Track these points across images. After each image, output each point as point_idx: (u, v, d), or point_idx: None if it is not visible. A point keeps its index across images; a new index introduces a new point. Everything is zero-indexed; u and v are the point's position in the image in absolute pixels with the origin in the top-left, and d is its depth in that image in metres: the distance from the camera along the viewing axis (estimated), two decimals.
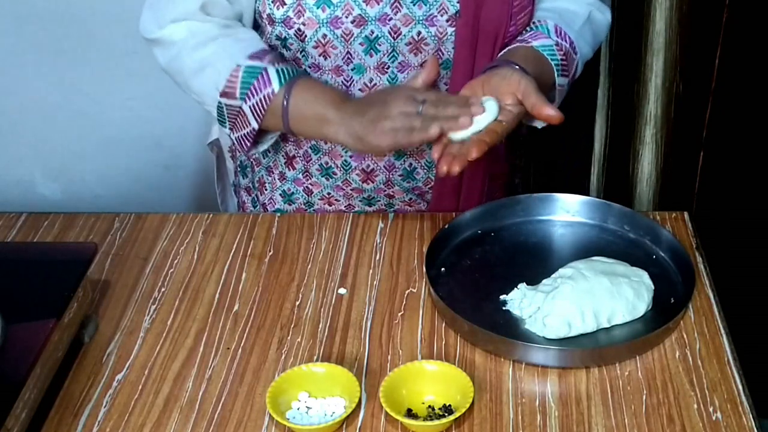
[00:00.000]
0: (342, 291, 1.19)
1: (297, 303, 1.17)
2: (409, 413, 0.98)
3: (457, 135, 1.09)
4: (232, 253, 1.26)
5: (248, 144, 1.22)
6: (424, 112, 1.07)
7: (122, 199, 1.95)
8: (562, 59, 1.23)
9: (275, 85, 1.16)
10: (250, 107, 1.17)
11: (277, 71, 1.16)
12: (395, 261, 1.24)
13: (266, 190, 1.36)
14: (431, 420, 0.97)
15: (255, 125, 1.18)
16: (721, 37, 1.73)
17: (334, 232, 1.30)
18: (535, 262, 1.20)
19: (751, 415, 0.98)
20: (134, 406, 1.03)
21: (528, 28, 1.24)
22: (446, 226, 1.22)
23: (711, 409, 0.99)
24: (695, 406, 1.00)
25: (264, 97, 1.16)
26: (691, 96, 1.78)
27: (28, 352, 0.97)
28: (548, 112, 1.09)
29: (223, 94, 1.18)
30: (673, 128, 1.82)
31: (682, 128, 1.82)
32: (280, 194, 1.35)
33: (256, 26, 1.24)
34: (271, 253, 1.26)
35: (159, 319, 1.15)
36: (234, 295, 1.19)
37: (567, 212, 1.28)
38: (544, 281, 1.13)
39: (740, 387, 1.02)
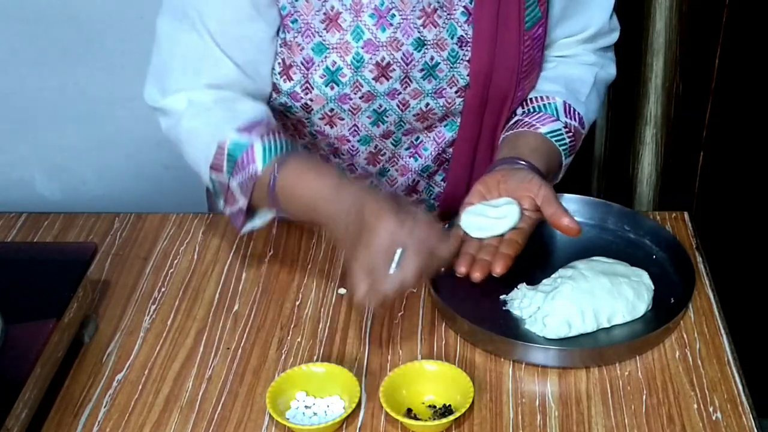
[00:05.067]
0: (342, 291, 1.19)
1: (297, 303, 1.17)
2: (409, 413, 0.98)
3: (476, 233, 1.07)
4: (232, 253, 1.27)
5: (240, 220, 1.14)
6: (399, 265, 0.95)
7: (122, 199, 1.95)
8: (570, 141, 1.21)
9: (258, 164, 1.07)
10: (237, 184, 1.10)
11: (263, 148, 1.07)
12: None
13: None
14: (431, 420, 0.97)
15: (243, 203, 1.11)
16: (721, 37, 1.73)
17: None
18: (535, 262, 1.20)
19: (751, 415, 0.98)
20: (134, 406, 1.03)
21: (535, 107, 1.22)
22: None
23: (711, 409, 0.99)
24: (695, 406, 1.00)
25: (249, 175, 1.08)
26: (691, 96, 1.78)
27: (28, 352, 0.97)
28: (567, 224, 1.07)
29: (213, 167, 1.12)
30: (673, 128, 1.82)
31: (682, 128, 1.82)
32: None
33: None
34: (271, 253, 1.26)
35: (159, 319, 1.15)
36: (234, 295, 1.19)
37: None
38: (544, 281, 1.13)
39: (740, 387, 1.02)
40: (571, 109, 1.22)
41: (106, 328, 1.14)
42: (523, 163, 1.14)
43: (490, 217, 1.09)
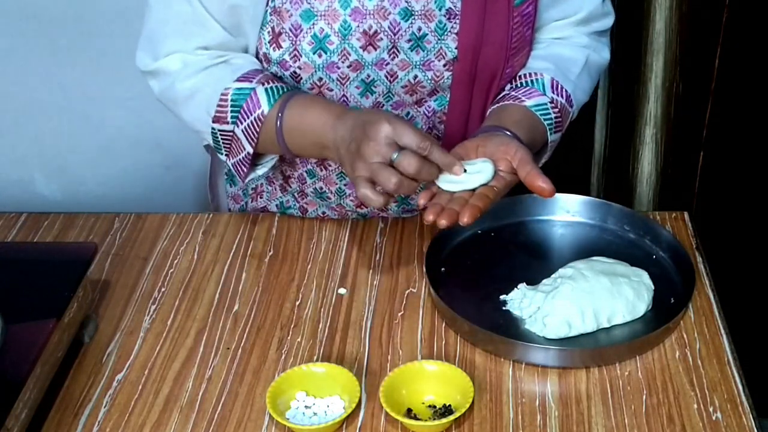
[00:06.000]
0: (342, 291, 1.19)
1: (297, 303, 1.17)
2: (409, 413, 0.98)
3: (447, 186, 1.06)
4: (232, 253, 1.27)
5: (245, 169, 1.19)
6: (397, 162, 1.00)
7: (122, 199, 1.94)
8: (556, 117, 1.21)
9: (264, 106, 1.13)
10: (242, 131, 1.15)
11: (266, 90, 1.14)
12: (395, 261, 1.24)
13: (262, 198, 1.35)
14: (431, 420, 0.97)
15: (249, 149, 1.16)
16: (721, 37, 1.73)
17: (334, 232, 1.30)
18: (535, 262, 1.20)
19: (751, 415, 0.98)
20: (134, 406, 1.03)
21: (523, 82, 1.22)
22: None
23: (711, 409, 0.99)
24: (695, 406, 1.00)
25: (255, 119, 1.14)
26: (691, 96, 1.78)
27: (28, 352, 0.97)
28: (541, 184, 1.05)
29: (215, 120, 1.16)
30: (673, 128, 1.82)
31: (682, 128, 1.82)
32: (276, 205, 1.34)
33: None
34: (271, 253, 1.26)
35: (159, 319, 1.15)
36: (234, 295, 1.19)
37: (567, 212, 1.28)
38: (544, 281, 1.13)
39: (740, 387, 1.02)
40: (559, 85, 1.22)
41: (106, 328, 1.14)
42: (507, 132, 1.14)
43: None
